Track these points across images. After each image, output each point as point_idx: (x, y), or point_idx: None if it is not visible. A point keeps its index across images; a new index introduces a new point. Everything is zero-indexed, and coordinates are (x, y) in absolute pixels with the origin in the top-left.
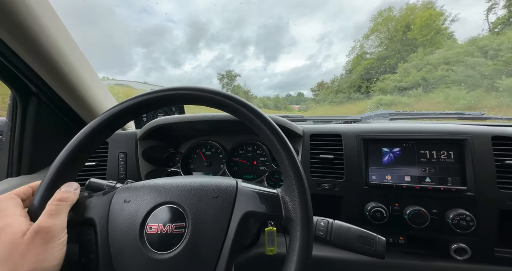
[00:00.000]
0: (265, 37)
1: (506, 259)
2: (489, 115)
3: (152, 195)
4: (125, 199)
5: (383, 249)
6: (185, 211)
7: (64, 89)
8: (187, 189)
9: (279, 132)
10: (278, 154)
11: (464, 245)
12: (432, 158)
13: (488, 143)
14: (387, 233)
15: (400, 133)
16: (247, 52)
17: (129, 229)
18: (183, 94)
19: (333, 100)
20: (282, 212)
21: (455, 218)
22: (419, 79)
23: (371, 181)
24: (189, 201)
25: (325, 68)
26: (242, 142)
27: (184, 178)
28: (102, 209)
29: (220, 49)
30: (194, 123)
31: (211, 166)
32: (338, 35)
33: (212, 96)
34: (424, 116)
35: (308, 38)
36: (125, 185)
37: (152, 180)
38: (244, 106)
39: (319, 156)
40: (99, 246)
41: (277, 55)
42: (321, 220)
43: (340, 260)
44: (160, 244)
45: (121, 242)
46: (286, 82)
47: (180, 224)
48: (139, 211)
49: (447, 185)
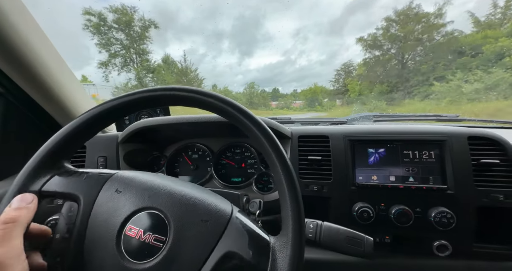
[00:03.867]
0: (240, 30)
1: (484, 254)
2: (464, 117)
3: (144, 194)
4: (118, 188)
5: (371, 250)
6: (170, 226)
7: (34, 88)
8: (180, 201)
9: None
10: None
11: (445, 242)
12: (415, 158)
13: (465, 143)
14: (374, 233)
15: (385, 134)
16: (222, 46)
17: (109, 222)
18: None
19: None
20: (267, 267)
21: (436, 216)
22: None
23: (358, 181)
24: (178, 214)
25: (299, 65)
26: (230, 144)
27: (183, 187)
28: (91, 190)
29: (192, 41)
30: (180, 125)
31: (197, 170)
32: (313, 30)
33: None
34: (405, 118)
35: (284, 33)
36: (122, 173)
37: (151, 176)
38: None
39: (307, 157)
40: (75, 229)
41: (252, 50)
42: (310, 222)
43: (328, 261)
44: (135, 251)
45: (98, 234)
46: (260, 79)
47: (160, 237)
48: (126, 206)
49: (429, 184)
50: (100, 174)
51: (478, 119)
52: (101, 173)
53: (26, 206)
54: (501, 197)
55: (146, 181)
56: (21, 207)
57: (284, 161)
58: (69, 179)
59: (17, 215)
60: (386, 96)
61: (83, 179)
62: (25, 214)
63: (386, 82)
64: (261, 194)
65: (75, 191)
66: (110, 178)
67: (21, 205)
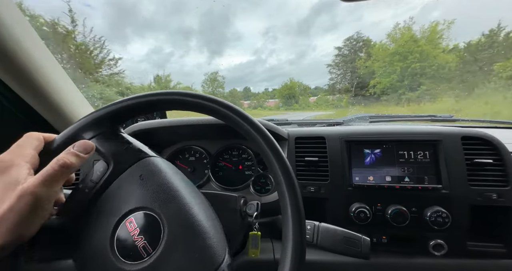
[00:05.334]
0: (209, 28)
1: (478, 252)
2: (457, 117)
3: (159, 195)
4: (142, 174)
5: (368, 250)
6: (162, 241)
7: (30, 92)
8: (185, 221)
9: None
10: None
11: (441, 241)
12: (410, 158)
13: (458, 143)
14: (371, 233)
15: (380, 135)
16: (190, 44)
17: (118, 204)
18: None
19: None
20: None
21: (432, 215)
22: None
23: (355, 182)
24: (173, 235)
25: (269, 64)
26: (227, 147)
27: (197, 206)
28: (123, 162)
29: (155, 38)
30: (177, 127)
31: (195, 172)
32: (282, 29)
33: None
34: (400, 118)
35: (254, 32)
36: (155, 160)
37: (177, 177)
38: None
39: (304, 159)
40: (94, 190)
41: (222, 49)
42: (308, 223)
43: (325, 262)
44: (123, 247)
45: (106, 207)
46: (231, 78)
47: (149, 248)
48: (137, 198)
49: (424, 184)
50: (139, 150)
51: (471, 119)
52: (140, 150)
53: (83, 155)
54: (494, 196)
55: (168, 181)
56: (80, 155)
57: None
58: (111, 143)
59: (74, 163)
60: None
61: (123, 148)
62: (78, 163)
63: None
64: (259, 196)
65: (110, 156)
66: (142, 159)
67: (81, 152)
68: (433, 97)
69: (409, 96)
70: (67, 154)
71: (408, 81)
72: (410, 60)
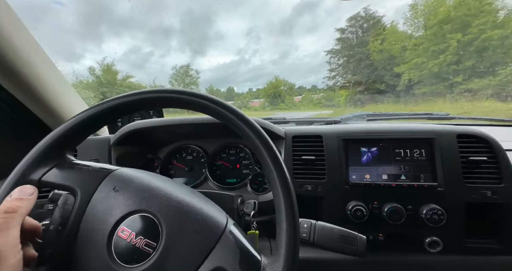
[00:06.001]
0: (190, 27)
1: (474, 249)
2: (454, 115)
3: (141, 196)
4: (116, 186)
5: (364, 248)
6: (162, 232)
7: (22, 90)
8: (176, 207)
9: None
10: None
11: (437, 238)
12: (406, 156)
13: (454, 141)
14: (368, 231)
15: (377, 133)
16: (171, 43)
17: (103, 221)
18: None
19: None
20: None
21: (428, 212)
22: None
23: (352, 180)
24: (171, 221)
25: (252, 64)
26: (224, 145)
27: (181, 192)
28: (90, 185)
29: (132, 36)
30: (173, 126)
31: (192, 171)
32: (265, 29)
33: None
34: (397, 116)
35: (237, 32)
36: (122, 171)
37: (151, 177)
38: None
39: (301, 157)
40: (69, 223)
41: (205, 49)
42: (305, 222)
43: (322, 260)
44: (125, 254)
45: (91, 231)
46: (215, 79)
47: (152, 243)
48: (121, 207)
49: (420, 182)
50: (100, 169)
51: (467, 117)
52: (102, 168)
53: (27, 197)
54: (489, 193)
55: (144, 182)
56: (23, 198)
57: (279, 163)
58: (69, 172)
59: (18, 206)
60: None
61: (83, 173)
62: (25, 205)
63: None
64: (256, 195)
65: (73, 184)
66: (109, 174)
67: (22, 195)
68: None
69: (474, 85)
70: (8, 202)
71: (472, 61)
72: (476, 27)
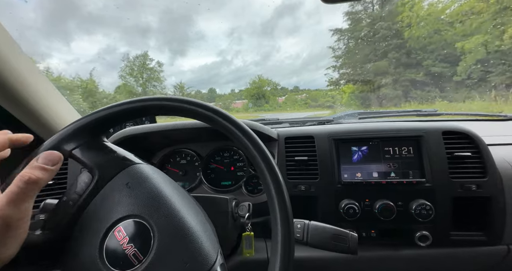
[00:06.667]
0: (170, 26)
1: (460, 241)
2: (441, 111)
3: (147, 202)
4: (129, 182)
5: (356, 245)
6: (152, 248)
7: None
8: (175, 226)
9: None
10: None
11: (426, 232)
12: (395, 154)
13: (439, 138)
14: (360, 228)
15: (366, 132)
16: (149, 43)
17: (105, 214)
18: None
19: None
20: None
21: (417, 208)
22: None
23: (344, 179)
24: (165, 240)
25: (234, 65)
26: (218, 148)
27: (186, 209)
28: (108, 172)
29: (106, 35)
30: (166, 132)
31: (186, 175)
32: (247, 30)
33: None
34: (388, 114)
35: (218, 32)
36: (142, 167)
37: (165, 182)
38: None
39: (294, 158)
40: (79, 201)
41: (185, 49)
42: (298, 222)
43: (316, 258)
44: (113, 255)
45: (92, 218)
46: (196, 80)
47: (139, 255)
48: (125, 206)
49: (409, 178)
50: (124, 158)
51: (454, 113)
52: (125, 158)
53: (51, 168)
54: (474, 187)
55: (155, 187)
56: (47, 168)
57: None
58: (95, 153)
59: (39, 177)
60: None
61: (107, 158)
62: (47, 177)
63: None
64: (251, 197)
65: (95, 166)
66: (128, 167)
67: (47, 164)
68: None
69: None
70: (31, 168)
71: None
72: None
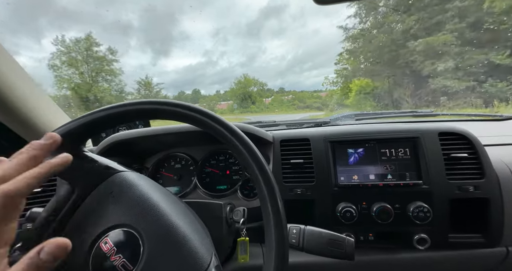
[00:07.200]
0: (152, 24)
1: (458, 244)
2: (437, 112)
3: (134, 210)
4: (113, 191)
5: (352, 250)
6: (142, 256)
7: None
8: (163, 231)
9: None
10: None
11: (424, 235)
12: (392, 156)
13: (436, 139)
14: (358, 232)
15: (362, 134)
16: (130, 41)
17: (90, 225)
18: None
19: None
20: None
21: (414, 210)
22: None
23: (340, 182)
24: (155, 246)
25: (220, 66)
26: (213, 152)
27: (175, 214)
28: (89, 183)
29: (81, 30)
30: (159, 136)
31: (181, 180)
32: (232, 31)
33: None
34: (384, 115)
35: (203, 33)
36: (125, 175)
37: (151, 189)
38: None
39: (290, 161)
40: (61, 214)
41: (169, 49)
42: (293, 228)
43: (311, 264)
44: (100, 268)
45: (76, 231)
46: (181, 81)
47: (128, 265)
48: (110, 216)
49: (406, 180)
50: (106, 167)
51: (451, 113)
52: (108, 167)
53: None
54: (471, 189)
55: (141, 194)
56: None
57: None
58: (74, 164)
59: (17, 187)
60: None
61: (88, 168)
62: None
63: None
64: (247, 201)
65: (74, 178)
66: (112, 176)
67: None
68: None
69: None
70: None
71: None
72: None
